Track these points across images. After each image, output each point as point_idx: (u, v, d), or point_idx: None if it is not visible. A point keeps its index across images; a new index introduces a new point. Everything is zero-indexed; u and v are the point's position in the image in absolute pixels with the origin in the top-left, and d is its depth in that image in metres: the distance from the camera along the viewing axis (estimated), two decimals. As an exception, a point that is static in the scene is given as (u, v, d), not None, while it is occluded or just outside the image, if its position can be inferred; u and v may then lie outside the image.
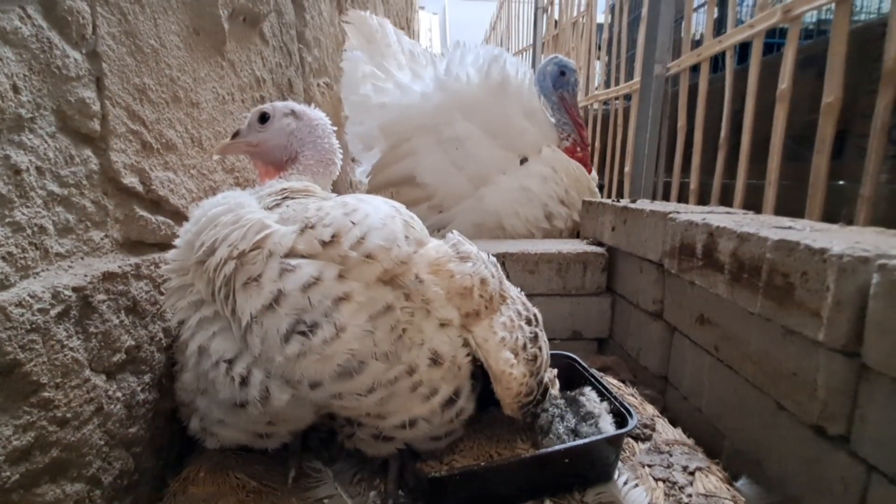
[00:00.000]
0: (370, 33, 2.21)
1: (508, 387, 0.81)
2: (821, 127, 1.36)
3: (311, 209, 0.76)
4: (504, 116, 2.09)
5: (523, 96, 2.13)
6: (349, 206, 0.75)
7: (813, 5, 1.42)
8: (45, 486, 0.61)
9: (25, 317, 0.57)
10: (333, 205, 0.77)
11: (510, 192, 2.05)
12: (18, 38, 0.58)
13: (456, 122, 2.04)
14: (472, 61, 2.11)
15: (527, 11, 5.49)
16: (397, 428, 0.78)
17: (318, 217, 0.73)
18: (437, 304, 0.76)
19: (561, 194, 2.06)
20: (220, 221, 0.76)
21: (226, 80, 1.10)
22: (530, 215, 2.05)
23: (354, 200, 0.78)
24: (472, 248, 0.85)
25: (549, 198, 2.05)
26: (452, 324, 0.78)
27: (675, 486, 0.85)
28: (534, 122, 2.15)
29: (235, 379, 0.72)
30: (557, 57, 2.25)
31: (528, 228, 2.06)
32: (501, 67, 2.09)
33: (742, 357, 0.98)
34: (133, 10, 0.78)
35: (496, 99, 2.07)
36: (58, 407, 0.62)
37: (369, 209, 0.75)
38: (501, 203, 2.04)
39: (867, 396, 0.71)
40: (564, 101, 2.18)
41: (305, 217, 0.74)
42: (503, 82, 2.07)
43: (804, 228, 0.98)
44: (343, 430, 0.84)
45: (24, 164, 0.59)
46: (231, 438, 0.82)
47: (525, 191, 2.05)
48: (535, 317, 0.92)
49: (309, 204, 0.79)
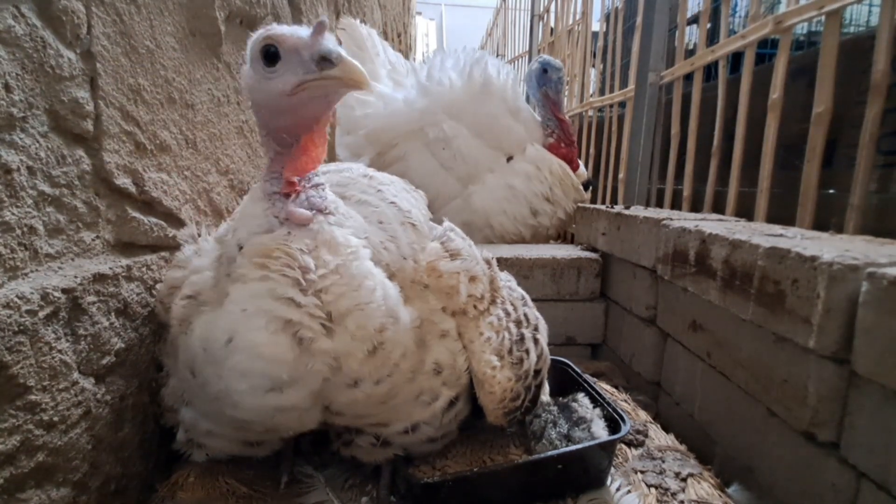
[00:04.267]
0: (361, 40, 2.23)
1: (492, 391, 0.79)
2: (811, 136, 1.38)
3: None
4: (489, 116, 2.11)
5: (507, 95, 2.16)
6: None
7: (804, 17, 1.44)
8: (29, 492, 0.60)
9: (13, 318, 0.56)
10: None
11: (496, 190, 2.08)
12: (11, 36, 0.58)
13: (443, 121, 2.06)
14: (452, 65, 2.15)
15: (523, 19, 5.53)
16: (399, 434, 0.78)
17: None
18: (437, 318, 0.77)
19: (545, 192, 2.09)
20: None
21: (221, 82, 1.10)
22: (517, 213, 2.07)
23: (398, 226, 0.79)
24: (463, 244, 0.84)
25: (533, 195, 2.08)
26: (450, 334, 0.79)
27: (668, 492, 0.85)
28: (518, 119, 2.17)
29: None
30: (542, 56, 2.32)
31: (516, 226, 2.08)
32: (483, 69, 2.13)
33: (734, 363, 0.98)
34: (129, 11, 0.78)
35: (480, 99, 2.10)
36: (45, 410, 0.61)
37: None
38: (488, 202, 2.07)
39: (857, 403, 0.71)
40: (548, 98, 2.22)
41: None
42: (485, 83, 2.11)
43: (795, 236, 0.99)
44: (341, 438, 0.82)
45: (15, 164, 0.59)
46: (220, 449, 0.81)
47: (510, 189, 2.07)
48: (524, 317, 0.90)
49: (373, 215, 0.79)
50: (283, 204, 0.69)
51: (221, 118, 1.10)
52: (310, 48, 0.63)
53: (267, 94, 0.66)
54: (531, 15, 5.01)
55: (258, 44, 0.65)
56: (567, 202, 2.14)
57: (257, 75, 0.66)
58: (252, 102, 0.70)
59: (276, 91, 0.65)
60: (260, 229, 0.68)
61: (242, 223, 0.71)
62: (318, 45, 0.62)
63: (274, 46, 0.64)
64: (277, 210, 0.69)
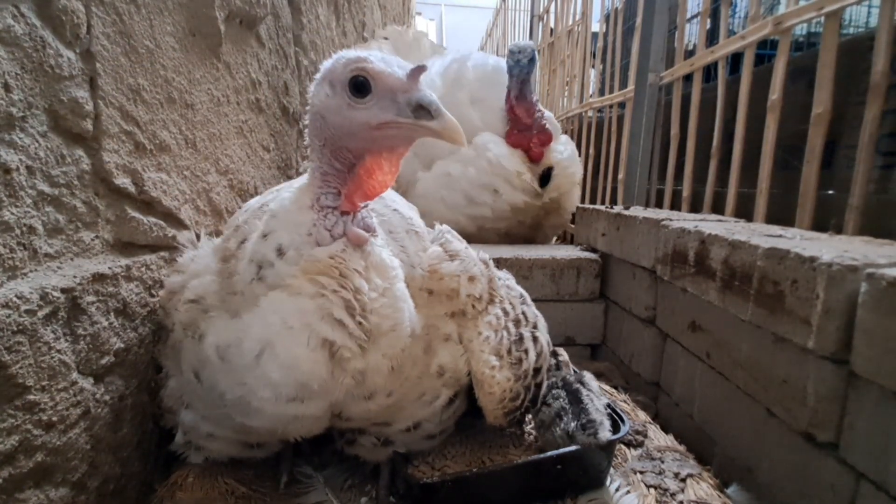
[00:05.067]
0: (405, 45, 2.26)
1: (491, 391, 0.79)
2: (810, 137, 1.38)
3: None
4: (453, 105, 2.12)
5: (473, 86, 2.17)
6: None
7: (803, 18, 1.44)
8: (28, 492, 0.59)
9: (12, 318, 0.56)
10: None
11: (438, 177, 2.07)
12: (11, 36, 0.58)
13: None
14: (437, 71, 2.22)
15: (523, 19, 5.53)
16: (401, 432, 0.80)
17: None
18: (441, 323, 0.78)
19: (483, 180, 1.99)
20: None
21: (221, 82, 1.09)
22: (453, 201, 2.02)
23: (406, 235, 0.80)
24: (460, 246, 0.85)
25: (468, 183, 2.01)
26: (452, 337, 0.80)
27: (667, 492, 0.85)
28: (480, 108, 2.16)
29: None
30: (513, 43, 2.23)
31: (454, 215, 1.99)
32: (460, 65, 2.19)
33: (733, 364, 0.98)
34: (128, 11, 0.78)
35: (450, 90, 2.14)
36: (43, 410, 0.61)
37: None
38: (430, 188, 2.06)
39: (856, 404, 0.71)
40: (511, 81, 2.05)
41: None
42: (457, 77, 2.16)
43: (794, 237, 0.99)
44: (344, 437, 0.83)
45: (14, 163, 0.58)
46: (220, 451, 0.81)
47: (447, 176, 2.05)
48: (523, 315, 0.90)
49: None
50: (336, 219, 0.68)
51: (221, 118, 1.10)
52: (406, 92, 0.63)
53: (347, 120, 0.65)
54: (531, 15, 5.01)
55: (347, 71, 0.64)
56: (513, 193, 1.97)
57: (339, 100, 0.65)
58: (320, 118, 0.68)
59: (359, 121, 0.64)
60: (308, 240, 0.67)
61: (283, 228, 0.68)
62: (416, 91, 0.63)
63: (366, 79, 0.63)
64: (330, 224, 0.67)
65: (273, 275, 0.66)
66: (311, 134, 0.70)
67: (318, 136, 0.69)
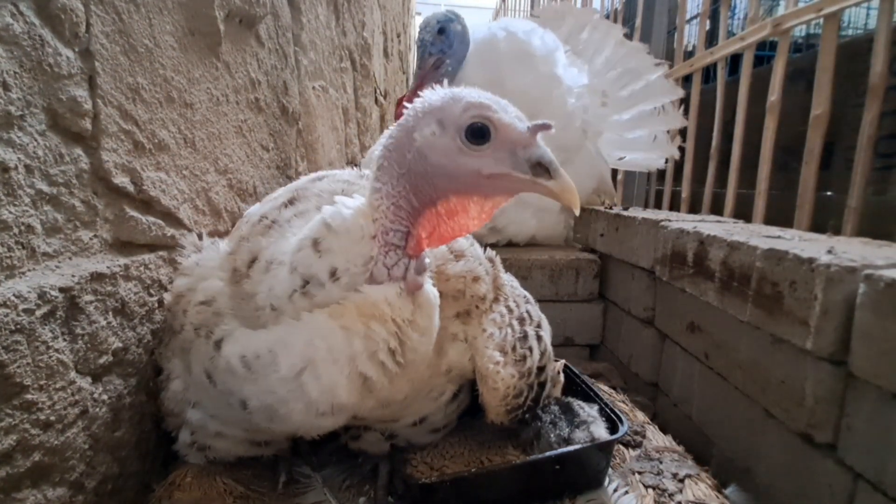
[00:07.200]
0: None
1: (495, 387, 0.79)
2: (809, 138, 1.39)
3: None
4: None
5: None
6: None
7: (802, 20, 1.45)
8: (25, 491, 0.59)
9: (10, 317, 0.56)
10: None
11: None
12: (9, 34, 0.57)
13: None
14: None
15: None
16: (408, 427, 0.81)
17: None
18: (449, 323, 0.78)
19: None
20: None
21: (220, 82, 1.09)
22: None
23: None
24: (465, 243, 0.84)
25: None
26: (459, 336, 0.80)
27: (665, 493, 0.85)
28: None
29: None
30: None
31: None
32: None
33: (732, 364, 0.98)
34: (128, 10, 0.78)
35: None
36: (41, 409, 0.61)
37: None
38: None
39: (854, 405, 0.71)
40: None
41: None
42: None
43: (793, 238, 0.99)
44: (349, 432, 0.85)
45: (13, 162, 0.58)
46: (228, 450, 0.81)
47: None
48: (527, 314, 0.90)
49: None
50: (398, 259, 0.64)
51: (220, 117, 1.10)
52: (526, 147, 0.60)
53: (454, 163, 0.60)
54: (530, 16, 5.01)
55: (467, 116, 0.60)
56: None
57: (448, 141, 0.60)
58: (418, 154, 0.62)
59: (469, 167, 0.60)
60: (363, 271, 0.64)
61: (341, 252, 0.64)
62: (536, 148, 0.60)
63: (486, 127, 0.60)
64: (391, 263, 0.64)
65: (322, 295, 0.63)
66: (392, 160, 0.64)
67: (399, 164, 0.63)
